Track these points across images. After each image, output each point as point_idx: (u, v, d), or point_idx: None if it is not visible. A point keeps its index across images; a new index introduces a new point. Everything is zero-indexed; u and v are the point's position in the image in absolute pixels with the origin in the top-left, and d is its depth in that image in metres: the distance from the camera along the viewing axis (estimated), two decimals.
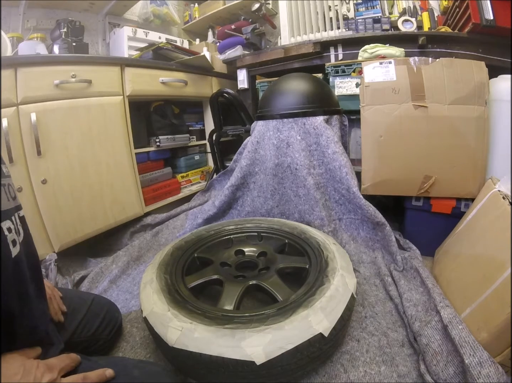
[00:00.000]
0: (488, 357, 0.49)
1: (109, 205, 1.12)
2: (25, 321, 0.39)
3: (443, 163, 0.94)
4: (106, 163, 1.10)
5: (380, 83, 0.98)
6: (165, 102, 1.49)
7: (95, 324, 0.61)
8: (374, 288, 0.84)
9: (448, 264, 0.81)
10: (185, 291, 0.65)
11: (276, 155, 1.12)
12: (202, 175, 1.74)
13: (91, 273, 0.97)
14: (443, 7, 1.43)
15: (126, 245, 1.16)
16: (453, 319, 0.57)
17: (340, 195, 1.05)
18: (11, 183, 0.42)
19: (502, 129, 0.90)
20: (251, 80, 1.64)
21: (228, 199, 1.22)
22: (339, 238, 1.01)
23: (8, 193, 0.40)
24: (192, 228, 1.19)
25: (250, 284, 0.68)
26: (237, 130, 1.47)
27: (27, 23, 1.39)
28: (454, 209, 0.93)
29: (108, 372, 0.42)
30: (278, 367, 0.49)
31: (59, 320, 0.55)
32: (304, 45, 1.36)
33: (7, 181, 0.41)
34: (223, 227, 0.98)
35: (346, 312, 0.56)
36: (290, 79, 1.17)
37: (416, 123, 0.95)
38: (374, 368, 0.58)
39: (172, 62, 1.43)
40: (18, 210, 0.43)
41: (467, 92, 0.90)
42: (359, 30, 1.48)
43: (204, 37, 2.14)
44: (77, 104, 1.01)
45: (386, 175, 1.00)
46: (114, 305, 0.71)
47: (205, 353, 0.48)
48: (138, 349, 0.67)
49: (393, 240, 0.93)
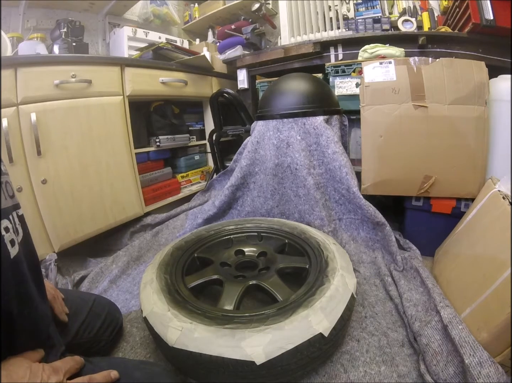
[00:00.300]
0: (488, 357, 0.49)
1: (109, 205, 1.12)
2: (26, 323, 0.39)
3: (443, 163, 0.94)
4: (106, 163, 1.10)
5: (380, 83, 0.98)
6: (165, 102, 1.49)
7: (96, 325, 0.61)
8: (374, 288, 0.84)
9: (448, 264, 0.81)
10: (185, 291, 0.65)
11: (276, 155, 1.12)
12: (202, 175, 1.74)
13: (91, 273, 0.97)
14: (443, 7, 1.43)
15: (126, 245, 1.16)
16: (453, 319, 0.57)
17: (340, 195, 1.05)
18: (8, 180, 0.42)
19: (502, 129, 0.90)
20: (251, 80, 1.64)
21: (228, 199, 1.22)
22: (339, 238, 1.01)
23: (5, 191, 0.39)
24: (192, 228, 1.19)
25: (250, 284, 0.68)
26: (237, 130, 1.47)
27: (27, 23, 1.39)
28: (454, 209, 0.93)
29: (113, 373, 0.42)
30: (278, 367, 0.49)
31: (63, 320, 0.54)
32: (304, 45, 1.36)
33: (4, 179, 0.40)
34: (223, 227, 0.98)
35: (346, 312, 0.56)
36: (290, 79, 1.17)
37: (416, 123, 0.95)
38: (374, 368, 0.58)
39: (172, 62, 1.43)
40: (16, 209, 0.42)
41: (467, 92, 0.90)
42: (359, 30, 1.48)
43: (204, 37, 2.14)
44: (77, 104, 1.01)
45: (386, 175, 1.00)
46: (114, 306, 0.71)
47: (205, 353, 0.48)
48: (138, 349, 0.67)
49: (393, 240, 0.93)
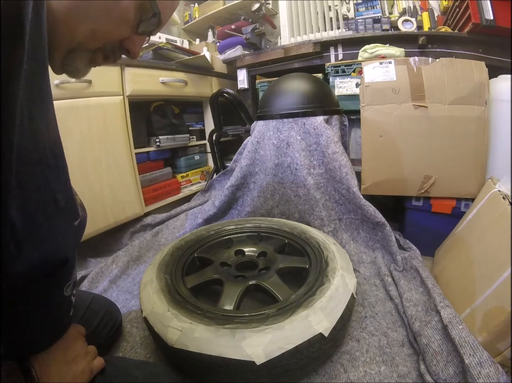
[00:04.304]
0: (488, 357, 0.49)
1: (109, 205, 1.12)
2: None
3: (443, 163, 0.94)
4: (106, 163, 1.10)
5: (380, 83, 0.98)
6: (165, 102, 1.49)
7: (94, 322, 0.61)
8: (374, 288, 0.84)
9: (448, 264, 0.81)
10: (185, 291, 0.65)
11: (276, 155, 1.12)
12: (202, 175, 1.74)
13: (91, 273, 0.97)
14: (443, 7, 1.43)
15: (126, 245, 1.16)
16: (453, 319, 0.57)
17: (340, 195, 1.05)
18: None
19: (502, 129, 0.90)
20: (251, 80, 1.64)
21: (228, 199, 1.22)
22: (339, 238, 1.01)
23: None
24: (192, 228, 1.19)
25: (250, 284, 0.68)
26: (237, 130, 1.47)
27: None
28: (454, 209, 0.93)
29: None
30: (278, 367, 0.49)
31: None
32: (304, 45, 1.36)
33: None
34: (223, 227, 0.98)
35: (346, 312, 0.56)
36: (290, 79, 1.17)
37: (416, 123, 0.95)
38: (374, 368, 0.58)
39: (172, 62, 1.43)
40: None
41: (467, 92, 0.90)
42: (359, 30, 1.47)
43: (204, 37, 2.13)
44: (77, 104, 1.01)
45: (386, 175, 1.00)
46: (113, 305, 0.71)
47: (205, 353, 0.48)
48: (138, 349, 0.67)
49: (393, 240, 0.93)
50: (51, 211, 0.29)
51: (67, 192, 0.32)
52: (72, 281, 0.36)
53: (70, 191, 0.33)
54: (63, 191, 0.31)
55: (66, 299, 0.35)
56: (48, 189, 0.29)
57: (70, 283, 0.35)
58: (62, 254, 0.32)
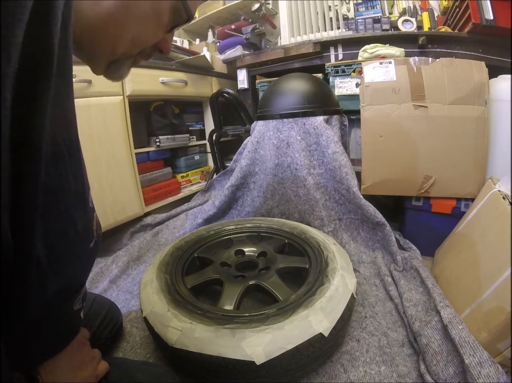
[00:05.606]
0: (488, 357, 0.49)
1: (109, 205, 1.12)
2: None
3: (443, 163, 0.94)
4: (106, 163, 1.10)
5: (380, 83, 0.98)
6: (165, 102, 1.49)
7: (96, 323, 0.61)
8: (374, 288, 0.84)
9: (448, 264, 0.81)
10: (185, 291, 0.65)
11: (276, 155, 1.12)
12: (202, 175, 1.74)
13: (91, 273, 0.97)
14: (443, 7, 1.43)
15: (126, 245, 1.16)
16: (453, 319, 0.57)
17: (340, 195, 1.05)
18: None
19: (502, 129, 0.90)
20: (251, 80, 1.64)
21: (228, 199, 1.22)
22: (339, 238, 1.01)
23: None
24: (192, 228, 1.19)
25: (250, 284, 0.68)
26: (237, 130, 1.47)
27: None
28: (454, 209, 0.93)
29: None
30: (278, 367, 0.49)
31: None
32: (304, 45, 1.36)
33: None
34: (223, 227, 0.98)
35: (346, 312, 0.56)
36: (290, 79, 1.17)
37: (416, 123, 0.95)
38: (374, 368, 0.58)
39: (172, 62, 1.43)
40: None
41: (467, 92, 0.90)
42: (359, 30, 1.47)
43: (204, 37, 2.13)
44: (77, 104, 0.98)
45: (386, 175, 1.00)
46: (114, 305, 0.71)
47: (205, 353, 0.48)
48: (138, 349, 0.67)
49: (393, 240, 0.93)
50: (71, 239, 0.28)
51: (85, 215, 0.30)
52: (81, 296, 0.35)
53: (88, 214, 0.31)
54: (82, 215, 0.29)
55: (76, 313, 0.35)
56: (68, 215, 0.27)
57: (79, 298, 0.35)
58: (80, 280, 0.31)
